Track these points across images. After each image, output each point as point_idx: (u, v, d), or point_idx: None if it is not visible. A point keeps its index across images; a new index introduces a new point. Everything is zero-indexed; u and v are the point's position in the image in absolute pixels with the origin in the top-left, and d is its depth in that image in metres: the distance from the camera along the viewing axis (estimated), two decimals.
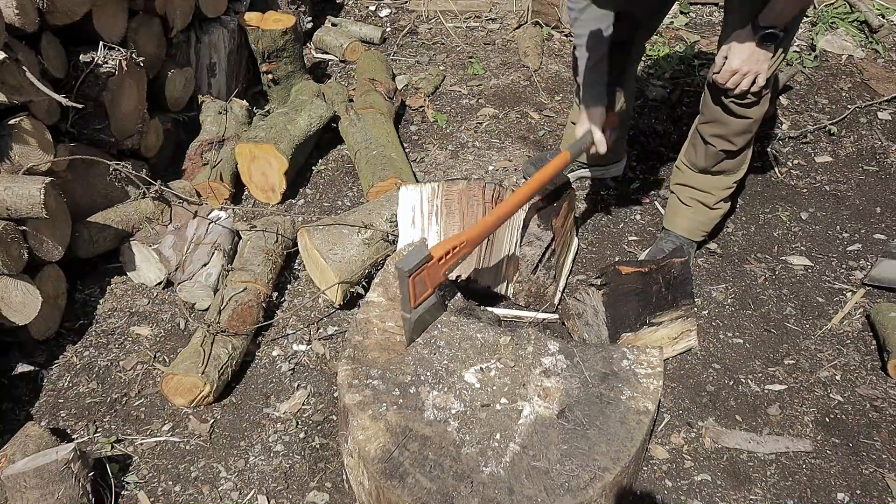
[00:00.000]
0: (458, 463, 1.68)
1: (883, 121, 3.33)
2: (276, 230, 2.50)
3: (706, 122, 2.31)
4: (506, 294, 2.41)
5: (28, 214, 2.08)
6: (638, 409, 1.81)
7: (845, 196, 2.93)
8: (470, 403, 1.82)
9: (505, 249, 2.36)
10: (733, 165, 2.39)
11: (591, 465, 1.68)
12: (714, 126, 2.29)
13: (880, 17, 3.87)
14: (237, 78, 3.31)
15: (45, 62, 2.26)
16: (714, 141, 2.32)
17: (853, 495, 1.93)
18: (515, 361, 1.92)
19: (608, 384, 1.87)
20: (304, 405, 2.14)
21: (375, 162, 2.77)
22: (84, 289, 2.46)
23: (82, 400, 2.15)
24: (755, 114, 2.21)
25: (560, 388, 1.86)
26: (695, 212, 2.52)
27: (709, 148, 2.35)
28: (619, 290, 2.19)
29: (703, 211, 2.51)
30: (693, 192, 2.50)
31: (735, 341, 2.34)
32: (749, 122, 2.23)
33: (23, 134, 2.15)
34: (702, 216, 2.52)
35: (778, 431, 2.08)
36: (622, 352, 1.96)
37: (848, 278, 2.57)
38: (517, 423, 1.78)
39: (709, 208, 2.50)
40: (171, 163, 2.90)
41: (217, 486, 1.94)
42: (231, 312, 2.21)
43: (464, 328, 2.01)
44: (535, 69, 3.64)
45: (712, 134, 2.31)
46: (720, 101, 2.22)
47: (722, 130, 2.28)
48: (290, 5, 3.66)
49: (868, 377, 2.23)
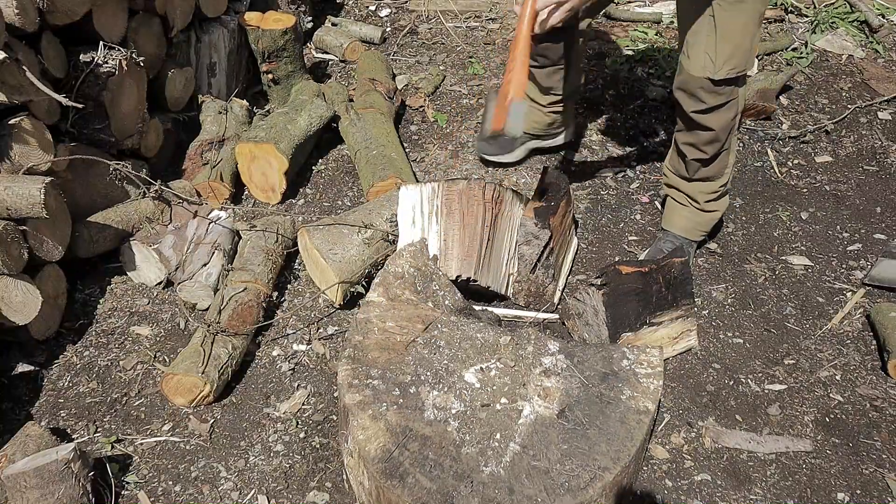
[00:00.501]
0: (458, 463, 1.68)
1: (883, 121, 3.33)
2: (276, 230, 2.50)
3: (680, 130, 2.37)
4: (506, 294, 2.41)
5: (28, 214, 2.08)
6: (638, 409, 1.81)
7: (845, 196, 2.93)
8: (470, 403, 1.82)
9: (505, 249, 2.36)
10: (713, 172, 2.41)
11: (592, 465, 1.68)
12: (685, 135, 2.34)
13: (880, 17, 3.87)
14: (237, 78, 3.31)
15: (45, 62, 2.26)
16: (686, 150, 2.37)
17: (853, 495, 1.93)
18: (515, 361, 1.92)
19: (608, 384, 1.87)
20: (304, 405, 2.14)
21: (375, 162, 2.77)
22: (84, 289, 2.46)
23: (82, 400, 2.15)
24: (716, 123, 2.23)
25: (560, 387, 1.86)
26: (690, 212, 2.53)
27: (683, 156, 2.39)
28: (619, 289, 2.19)
29: (697, 212, 2.52)
30: (683, 195, 2.52)
31: (735, 341, 2.34)
32: (713, 132, 2.25)
33: (23, 134, 2.15)
34: (697, 217, 2.53)
35: (778, 431, 2.08)
36: (622, 352, 1.96)
37: (848, 278, 2.57)
38: (517, 423, 1.78)
39: (702, 210, 2.51)
40: (171, 163, 2.90)
41: (217, 486, 1.94)
42: (231, 312, 2.21)
43: (464, 328, 2.01)
44: None
45: (684, 142, 2.36)
46: (683, 113, 2.26)
47: (692, 139, 2.32)
48: (290, 5, 3.66)
49: (868, 377, 2.23)
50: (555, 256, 2.36)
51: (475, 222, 2.33)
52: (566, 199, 2.45)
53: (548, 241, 2.30)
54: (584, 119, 3.32)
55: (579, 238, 2.71)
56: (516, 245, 2.35)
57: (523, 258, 2.33)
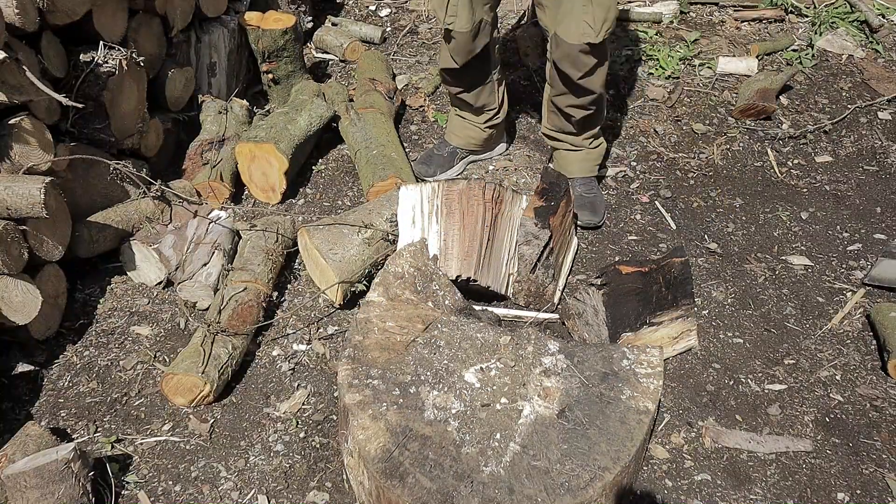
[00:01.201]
0: (459, 463, 1.68)
1: (883, 121, 3.33)
2: (276, 230, 2.50)
3: (559, 94, 2.56)
4: (506, 294, 2.41)
5: (28, 214, 2.08)
6: (638, 409, 1.81)
7: (845, 196, 2.93)
8: (470, 403, 1.82)
9: (505, 249, 2.36)
10: (597, 120, 2.69)
11: (592, 465, 1.68)
12: (568, 99, 2.54)
13: (880, 17, 3.87)
14: (237, 77, 3.31)
15: (46, 62, 2.26)
16: (572, 112, 2.58)
17: (853, 495, 1.93)
18: (515, 361, 1.92)
19: (608, 384, 1.87)
20: (304, 405, 2.14)
21: (376, 162, 2.77)
22: (84, 288, 2.46)
23: (82, 399, 2.15)
24: (599, 80, 2.48)
25: (560, 387, 1.86)
26: (585, 153, 2.77)
27: (569, 117, 2.61)
28: (619, 289, 2.19)
29: (590, 151, 2.77)
30: (570, 145, 2.75)
31: (735, 341, 2.34)
32: (595, 94, 2.50)
33: (23, 133, 2.15)
34: (592, 154, 2.78)
35: (778, 431, 2.08)
36: (622, 351, 1.96)
37: (848, 278, 2.57)
38: (517, 423, 1.78)
39: (592, 148, 2.76)
40: (171, 162, 2.90)
41: (217, 486, 1.94)
42: (231, 312, 2.21)
43: (464, 328, 2.01)
44: (535, 69, 3.64)
45: (569, 105, 2.56)
46: (568, 81, 2.45)
47: (577, 102, 2.53)
48: (290, 5, 3.66)
49: (868, 377, 2.23)
50: (555, 256, 2.36)
51: (475, 222, 2.33)
52: (566, 199, 2.45)
53: (548, 240, 2.30)
54: None
55: (579, 238, 2.71)
56: (516, 245, 2.35)
57: (523, 258, 2.33)
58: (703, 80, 3.58)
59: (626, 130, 3.26)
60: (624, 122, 3.30)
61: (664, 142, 3.20)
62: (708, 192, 2.94)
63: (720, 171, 3.05)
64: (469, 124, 2.91)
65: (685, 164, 3.08)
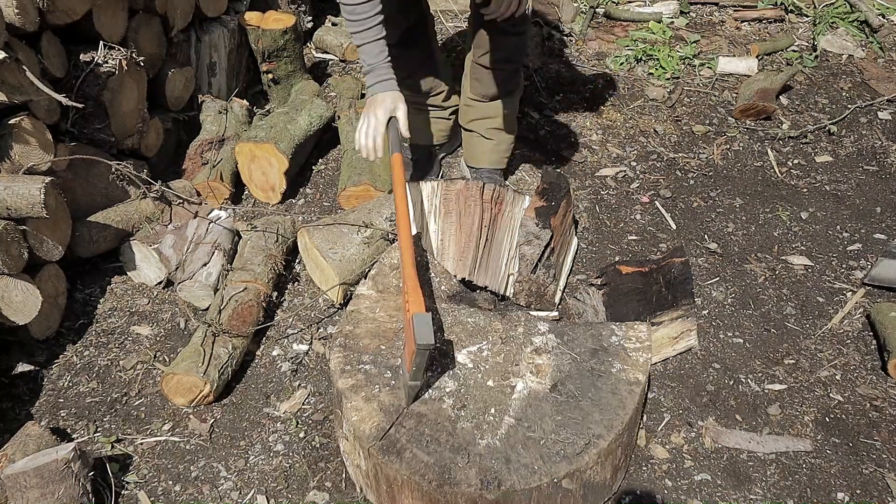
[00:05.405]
0: (455, 437, 1.71)
1: (883, 121, 3.33)
2: (276, 230, 2.50)
3: (485, 53, 2.54)
4: (506, 294, 2.41)
5: (28, 214, 2.08)
6: (629, 381, 1.85)
7: (845, 196, 2.94)
8: (463, 382, 1.84)
9: (505, 249, 2.36)
10: (518, 83, 2.67)
11: (586, 433, 1.72)
12: (495, 53, 2.52)
13: (880, 17, 3.87)
14: (237, 77, 3.31)
15: (46, 61, 2.26)
16: (501, 66, 2.56)
17: (853, 495, 1.93)
18: (506, 342, 1.94)
19: (598, 359, 1.90)
20: (304, 405, 2.14)
21: (355, 165, 2.76)
22: (84, 288, 2.46)
23: (82, 399, 2.15)
24: (526, 27, 2.54)
25: (552, 364, 1.89)
26: (497, 143, 2.75)
27: (496, 73, 2.58)
28: (619, 289, 2.20)
29: (503, 139, 2.75)
30: (490, 122, 2.70)
31: (735, 341, 2.34)
32: (523, 37, 2.55)
33: (23, 133, 2.15)
34: (502, 144, 2.77)
35: (778, 431, 2.08)
36: (611, 328, 2.00)
37: (848, 278, 2.57)
38: (511, 398, 1.81)
39: (506, 133, 2.73)
40: (171, 162, 2.90)
41: (217, 486, 1.94)
42: (231, 312, 2.21)
43: (455, 313, 2.03)
44: (535, 69, 3.64)
45: (496, 60, 2.54)
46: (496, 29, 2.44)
47: (504, 54, 2.53)
48: (290, 5, 3.65)
49: (868, 377, 2.23)
50: (556, 256, 2.36)
51: (472, 222, 2.33)
52: (566, 199, 2.45)
53: (549, 240, 2.30)
54: (584, 119, 3.32)
55: (579, 238, 2.71)
56: (517, 245, 2.35)
57: (524, 258, 2.33)
58: (703, 80, 3.58)
59: (626, 130, 3.26)
60: (624, 122, 3.30)
61: (664, 142, 3.20)
62: (708, 192, 2.94)
63: (720, 171, 3.05)
64: (438, 117, 2.89)
65: (685, 164, 3.08)
